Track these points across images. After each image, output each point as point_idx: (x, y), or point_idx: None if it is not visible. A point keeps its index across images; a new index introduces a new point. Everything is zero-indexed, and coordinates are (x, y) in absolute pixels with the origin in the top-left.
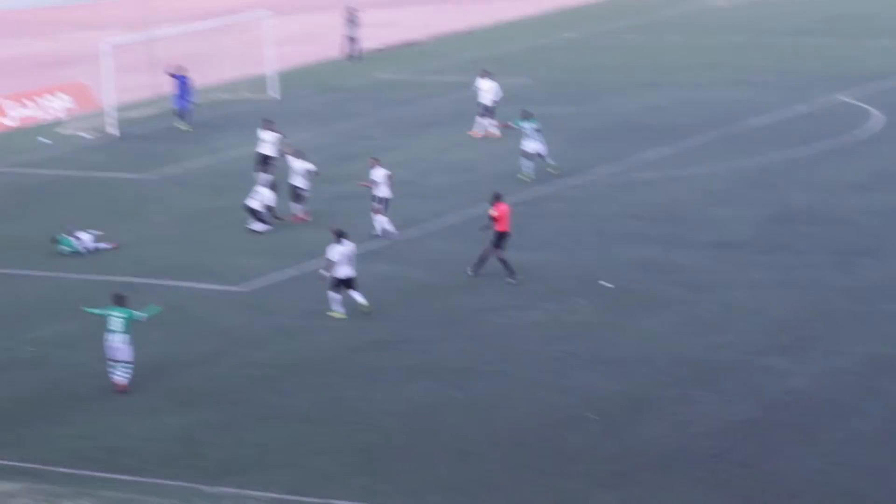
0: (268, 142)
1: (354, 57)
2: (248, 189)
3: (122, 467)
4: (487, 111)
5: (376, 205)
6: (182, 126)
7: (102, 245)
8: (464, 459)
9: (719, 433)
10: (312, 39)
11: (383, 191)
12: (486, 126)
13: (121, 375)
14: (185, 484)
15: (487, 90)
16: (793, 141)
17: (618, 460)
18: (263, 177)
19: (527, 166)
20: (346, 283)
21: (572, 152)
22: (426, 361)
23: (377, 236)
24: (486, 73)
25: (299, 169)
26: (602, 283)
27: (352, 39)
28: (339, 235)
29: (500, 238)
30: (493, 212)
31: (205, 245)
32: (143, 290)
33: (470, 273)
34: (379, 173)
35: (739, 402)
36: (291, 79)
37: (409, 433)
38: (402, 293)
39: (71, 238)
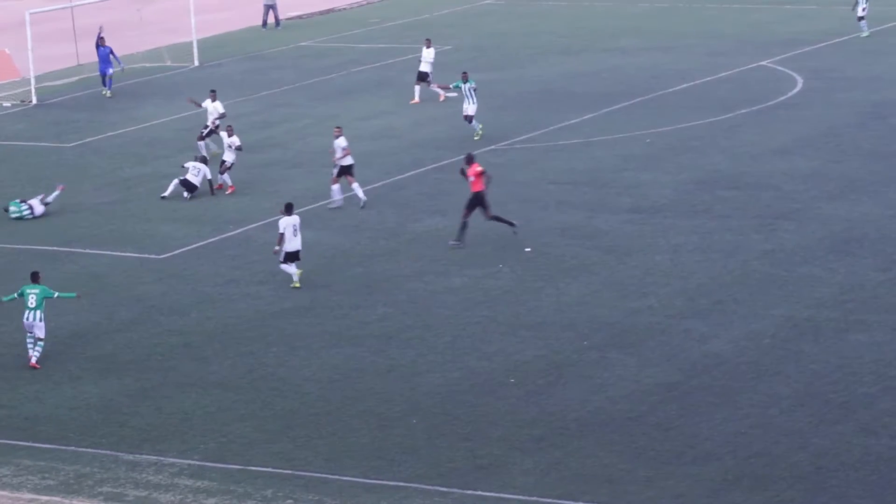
0: (211, 111)
1: (272, 24)
2: (169, 157)
3: (43, 436)
4: (422, 77)
5: (335, 174)
6: (107, 93)
7: (52, 196)
8: (383, 425)
9: (638, 396)
10: (233, 7)
11: (346, 160)
12: (417, 91)
13: (35, 355)
14: (106, 452)
15: (427, 58)
16: (715, 106)
17: (537, 425)
18: (202, 145)
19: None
20: (290, 256)
21: (494, 118)
22: (347, 327)
23: (336, 209)
24: (429, 43)
25: (227, 143)
26: (526, 250)
27: (269, 7)
28: (288, 208)
29: (473, 198)
30: (471, 175)
31: (126, 213)
32: (64, 258)
33: (516, 226)
34: (342, 142)
35: (659, 365)
36: (213, 46)
37: (329, 399)
38: (323, 259)
39: (24, 204)
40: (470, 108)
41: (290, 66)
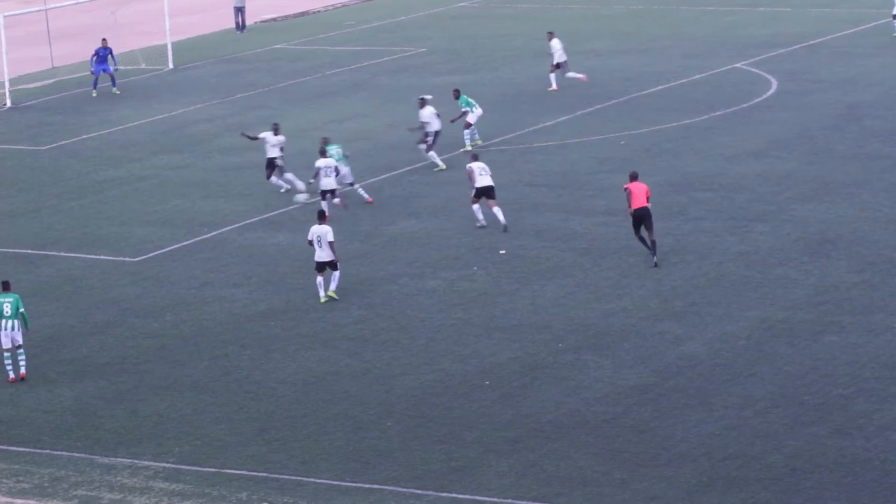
0: (428, 115)
1: (241, 27)
2: (144, 160)
3: (17, 439)
4: (559, 66)
5: (473, 194)
6: (93, 93)
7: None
8: (358, 428)
9: (613, 398)
10: (207, 10)
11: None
12: (571, 76)
13: (21, 365)
14: (81, 455)
15: (556, 49)
16: (689, 108)
17: (512, 427)
18: (432, 154)
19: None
20: (323, 266)
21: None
22: (322, 330)
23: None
24: (552, 35)
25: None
26: (501, 252)
27: (239, 10)
28: (319, 216)
29: (633, 218)
30: (627, 189)
31: (100, 216)
32: (39, 261)
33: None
34: (477, 167)
35: (634, 367)
36: (187, 49)
37: (303, 402)
38: (297, 262)
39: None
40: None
41: (264, 68)
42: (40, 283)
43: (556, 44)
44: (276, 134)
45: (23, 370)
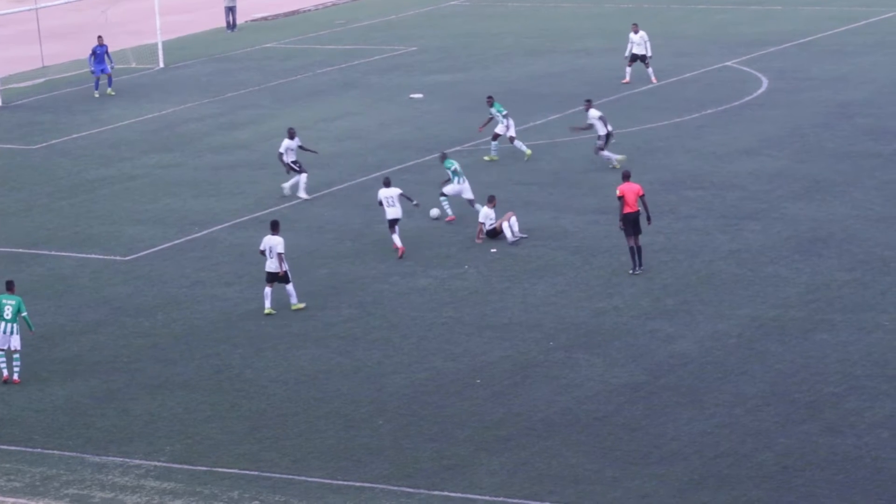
0: (595, 119)
1: (232, 26)
2: (134, 159)
3: (8, 438)
4: (637, 59)
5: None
6: (110, 92)
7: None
8: (350, 426)
9: (605, 397)
10: (198, 9)
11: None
12: (628, 73)
13: (15, 370)
14: (72, 454)
15: (638, 42)
16: (680, 107)
17: (503, 425)
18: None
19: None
20: (278, 279)
21: (459, 119)
22: (313, 329)
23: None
24: (636, 27)
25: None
26: (492, 250)
27: (230, 9)
28: (272, 226)
29: (624, 220)
30: (617, 191)
31: (91, 215)
32: (30, 260)
33: (637, 272)
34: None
35: (625, 365)
36: (178, 48)
37: (295, 400)
38: (288, 261)
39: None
40: (510, 131)
41: (255, 67)
42: (31, 283)
43: (638, 37)
44: (290, 138)
45: (16, 376)
